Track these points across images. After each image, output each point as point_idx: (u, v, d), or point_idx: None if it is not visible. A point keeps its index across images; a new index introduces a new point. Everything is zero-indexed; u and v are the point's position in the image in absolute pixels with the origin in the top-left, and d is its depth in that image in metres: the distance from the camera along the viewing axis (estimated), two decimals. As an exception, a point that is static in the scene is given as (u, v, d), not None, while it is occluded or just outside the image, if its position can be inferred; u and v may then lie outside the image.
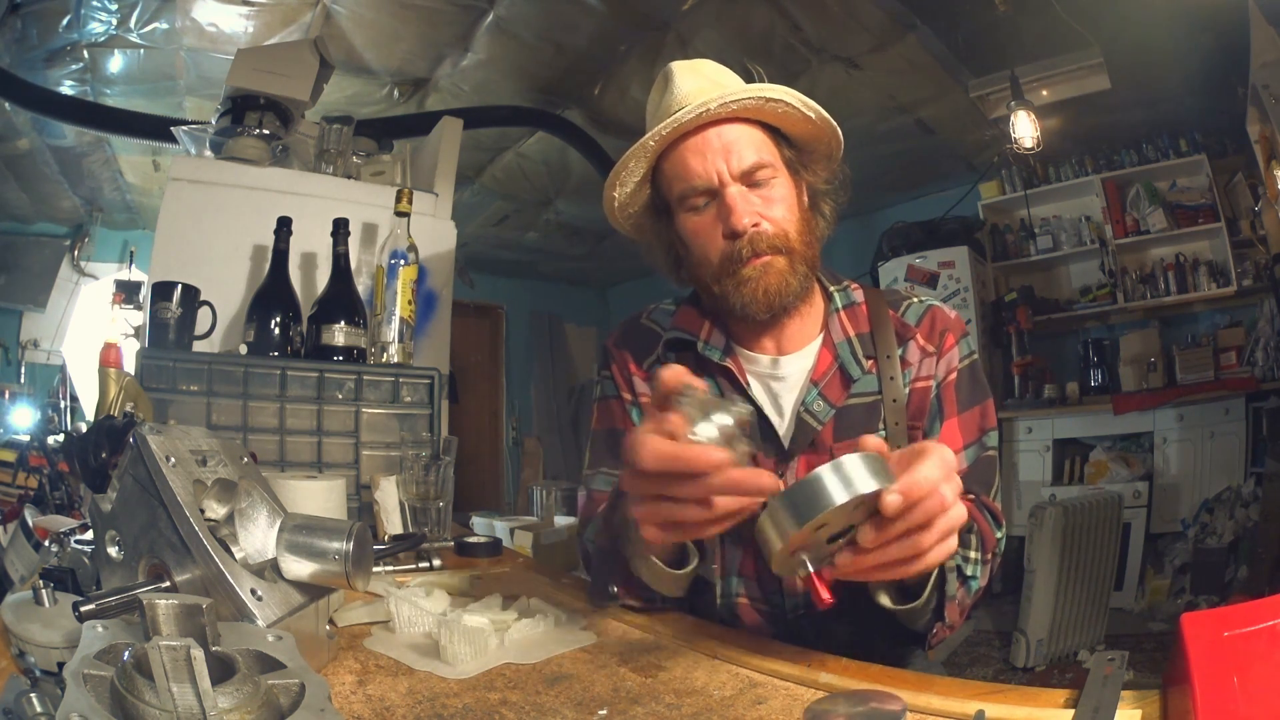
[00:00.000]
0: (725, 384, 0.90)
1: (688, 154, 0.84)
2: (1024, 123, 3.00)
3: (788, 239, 0.84)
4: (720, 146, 0.82)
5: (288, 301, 1.44)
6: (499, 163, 4.00)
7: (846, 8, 2.65)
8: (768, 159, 0.84)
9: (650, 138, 0.84)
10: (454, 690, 0.55)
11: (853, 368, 0.88)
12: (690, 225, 0.86)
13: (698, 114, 0.81)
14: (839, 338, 0.90)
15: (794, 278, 0.84)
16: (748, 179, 0.83)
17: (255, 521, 0.57)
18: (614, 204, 0.91)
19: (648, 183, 0.90)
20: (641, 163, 0.87)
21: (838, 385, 0.87)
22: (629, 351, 0.98)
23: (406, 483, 1.22)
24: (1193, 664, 0.42)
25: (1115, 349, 3.68)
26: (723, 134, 0.83)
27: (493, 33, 2.83)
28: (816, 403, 0.87)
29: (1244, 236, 3.31)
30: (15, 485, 1.33)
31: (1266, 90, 2.51)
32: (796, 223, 0.85)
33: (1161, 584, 3.13)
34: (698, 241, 0.86)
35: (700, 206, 0.85)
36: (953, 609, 0.70)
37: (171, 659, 0.35)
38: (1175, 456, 3.32)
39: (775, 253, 0.83)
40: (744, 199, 0.82)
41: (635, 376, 0.97)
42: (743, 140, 0.83)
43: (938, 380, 0.88)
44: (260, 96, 1.71)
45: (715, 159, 0.82)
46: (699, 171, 0.83)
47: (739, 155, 0.82)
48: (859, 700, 0.50)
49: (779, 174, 0.85)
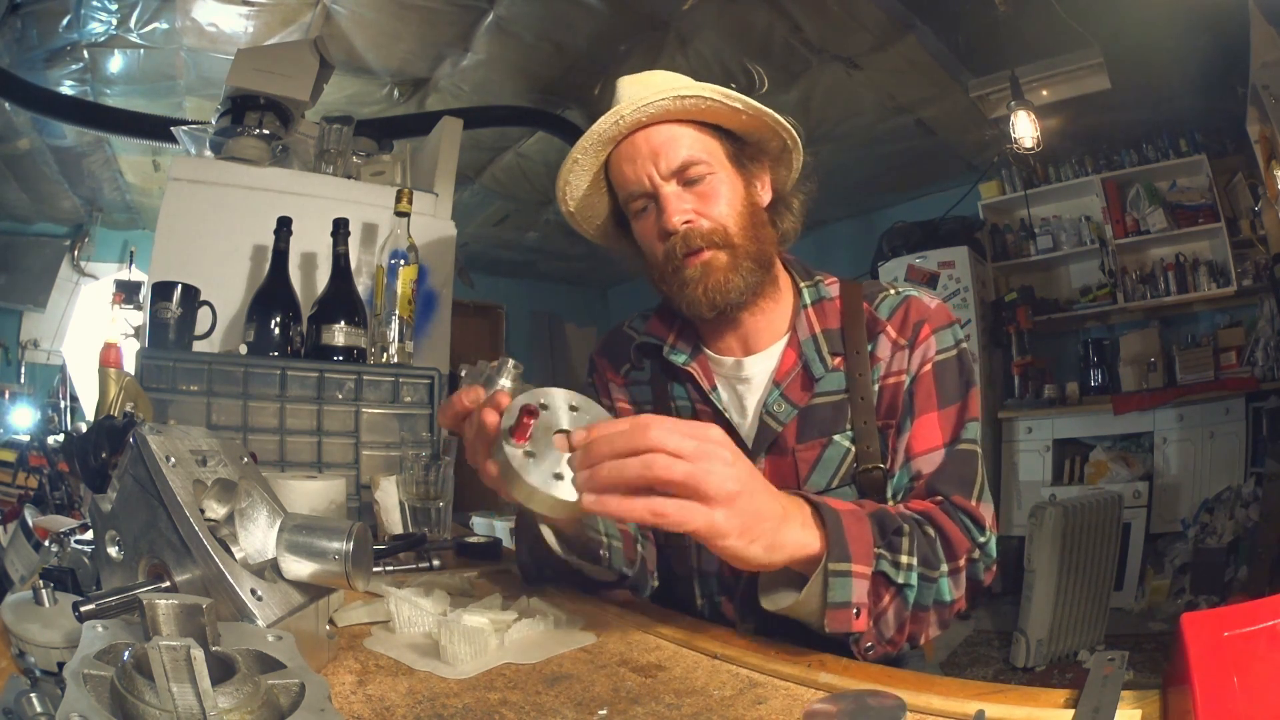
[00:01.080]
0: (691, 388, 0.90)
1: (621, 161, 0.85)
2: (1024, 123, 3.00)
3: (726, 234, 0.83)
4: (648, 150, 0.83)
5: (288, 301, 1.44)
6: (499, 163, 4.00)
7: (846, 8, 2.65)
8: (700, 155, 0.83)
9: (576, 151, 0.85)
10: (454, 690, 0.55)
11: (816, 365, 0.85)
12: (638, 230, 0.88)
13: (613, 121, 0.82)
14: (805, 335, 0.87)
15: (736, 275, 0.83)
16: (681, 178, 0.83)
17: (255, 521, 0.57)
18: (577, 220, 0.93)
19: (605, 193, 0.91)
20: (583, 176, 0.88)
21: (800, 384, 0.85)
22: (608, 359, 1.00)
23: (406, 483, 1.22)
24: (1193, 664, 0.42)
25: (1115, 349, 3.68)
26: (650, 137, 0.83)
27: (493, 33, 2.83)
28: (778, 403, 0.85)
29: (1244, 236, 3.31)
30: (15, 485, 1.32)
31: (1266, 90, 2.51)
32: (738, 217, 0.84)
33: (1161, 584, 3.13)
34: (645, 244, 0.87)
35: (643, 210, 0.86)
36: (838, 618, 0.63)
37: (171, 659, 0.35)
38: (1175, 456, 3.33)
39: (714, 248, 0.82)
40: (677, 198, 0.82)
41: (612, 383, 0.98)
42: (672, 140, 0.83)
43: (911, 374, 0.83)
44: (260, 96, 1.71)
45: (645, 163, 0.83)
46: (632, 176, 0.84)
47: (667, 156, 0.82)
48: (859, 700, 0.50)
49: (717, 170, 0.84)
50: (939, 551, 0.72)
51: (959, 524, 0.76)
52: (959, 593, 0.74)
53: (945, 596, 0.72)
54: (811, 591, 0.63)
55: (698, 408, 0.91)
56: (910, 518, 0.73)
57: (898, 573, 0.68)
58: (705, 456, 0.57)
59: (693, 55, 2.93)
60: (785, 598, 0.65)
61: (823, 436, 0.84)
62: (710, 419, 0.88)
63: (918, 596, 0.69)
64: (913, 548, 0.69)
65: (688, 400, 0.92)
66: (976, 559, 0.76)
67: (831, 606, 0.63)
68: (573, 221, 0.94)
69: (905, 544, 0.69)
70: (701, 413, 0.90)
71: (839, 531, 0.64)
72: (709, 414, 0.89)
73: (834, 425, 0.84)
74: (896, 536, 0.69)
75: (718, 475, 0.57)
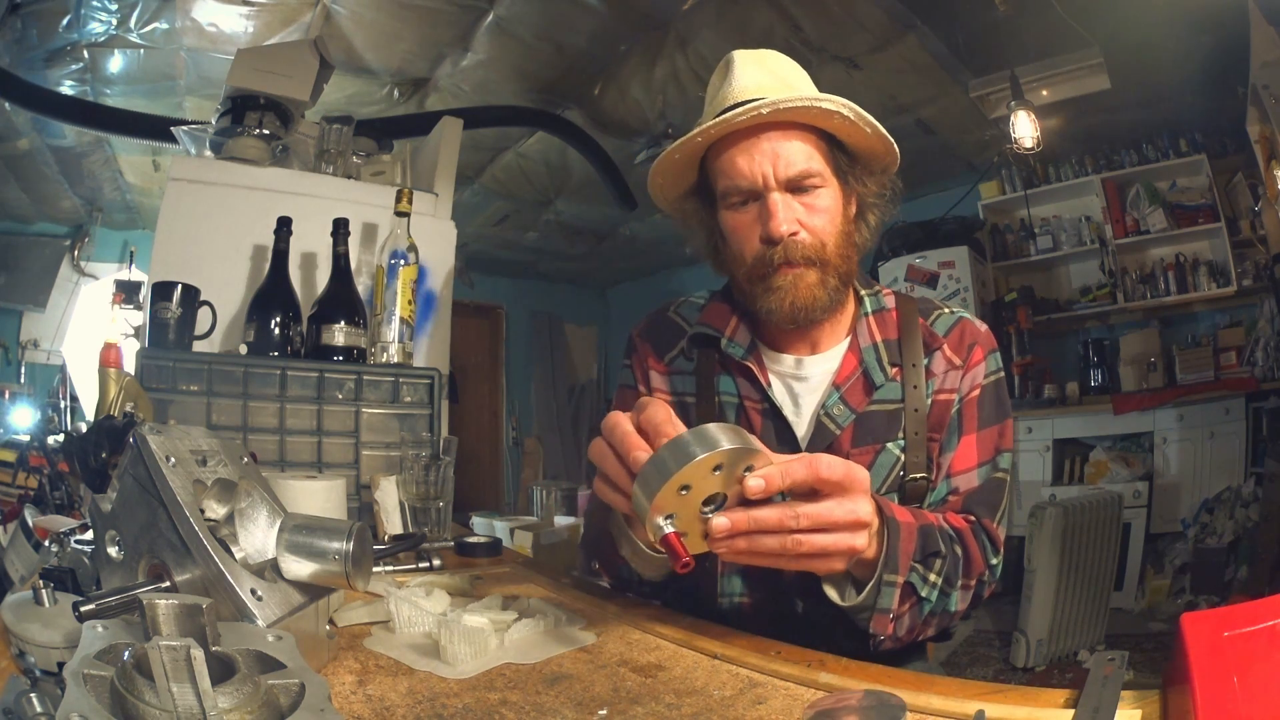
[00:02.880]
0: (745, 383, 0.90)
1: (736, 153, 0.82)
2: (1024, 123, 3.00)
3: (824, 251, 0.83)
4: (769, 150, 0.81)
5: (288, 301, 1.43)
6: (499, 163, 4.00)
7: (846, 8, 2.66)
8: (816, 168, 0.82)
9: (698, 133, 0.82)
10: (454, 690, 0.55)
11: (876, 374, 0.87)
12: (730, 222, 0.86)
13: (749, 116, 0.79)
14: (866, 342, 0.89)
15: (824, 291, 0.83)
16: (793, 185, 0.82)
17: (255, 521, 0.57)
18: (659, 190, 0.91)
19: (694, 169, 0.89)
20: (688, 154, 0.86)
21: (860, 390, 0.86)
22: (651, 344, 0.97)
23: (406, 483, 1.22)
24: (1193, 664, 0.42)
25: (1115, 349, 3.68)
26: (773, 137, 0.81)
27: (493, 33, 2.83)
28: (837, 406, 0.86)
29: (1244, 236, 3.31)
30: (15, 485, 1.32)
31: (1266, 90, 2.51)
32: (836, 235, 0.84)
33: (1161, 584, 3.13)
34: (735, 238, 0.86)
35: (742, 205, 0.84)
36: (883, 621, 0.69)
37: (171, 659, 0.35)
38: (1175, 456, 3.33)
39: (808, 265, 0.82)
40: (786, 205, 0.81)
41: (654, 371, 0.96)
42: (793, 146, 0.81)
43: (961, 395, 0.87)
44: (260, 96, 1.71)
45: (763, 162, 0.81)
46: (745, 172, 0.82)
47: (786, 161, 0.81)
48: (859, 700, 0.50)
49: (827, 183, 0.83)
50: (959, 570, 0.77)
51: (981, 546, 0.80)
52: (964, 605, 0.79)
53: (951, 608, 0.77)
54: (869, 594, 0.68)
55: (747, 403, 0.90)
56: (948, 535, 0.77)
57: (923, 587, 0.72)
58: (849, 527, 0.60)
59: (693, 55, 2.93)
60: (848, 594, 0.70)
61: (877, 443, 0.86)
62: (763, 415, 0.89)
63: (931, 607, 0.74)
64: (942, 569, 0.74)
65: (736, 395, 0.91)
66: (986, 580, 0.81)
67: (879, 611, 0.69)
68: (655, 194, 0.92)
69: (938, 565, 0.74)
70: (752, 409, 0.89)
71: (895, 545, 0.68)
72: (762, 410, 0.89)
73: (888, 433, 0.86)
74: (933, 558, 0.73)
75: (860, 541, 0.61)
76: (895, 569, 0.68)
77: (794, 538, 0.58)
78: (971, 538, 0.80)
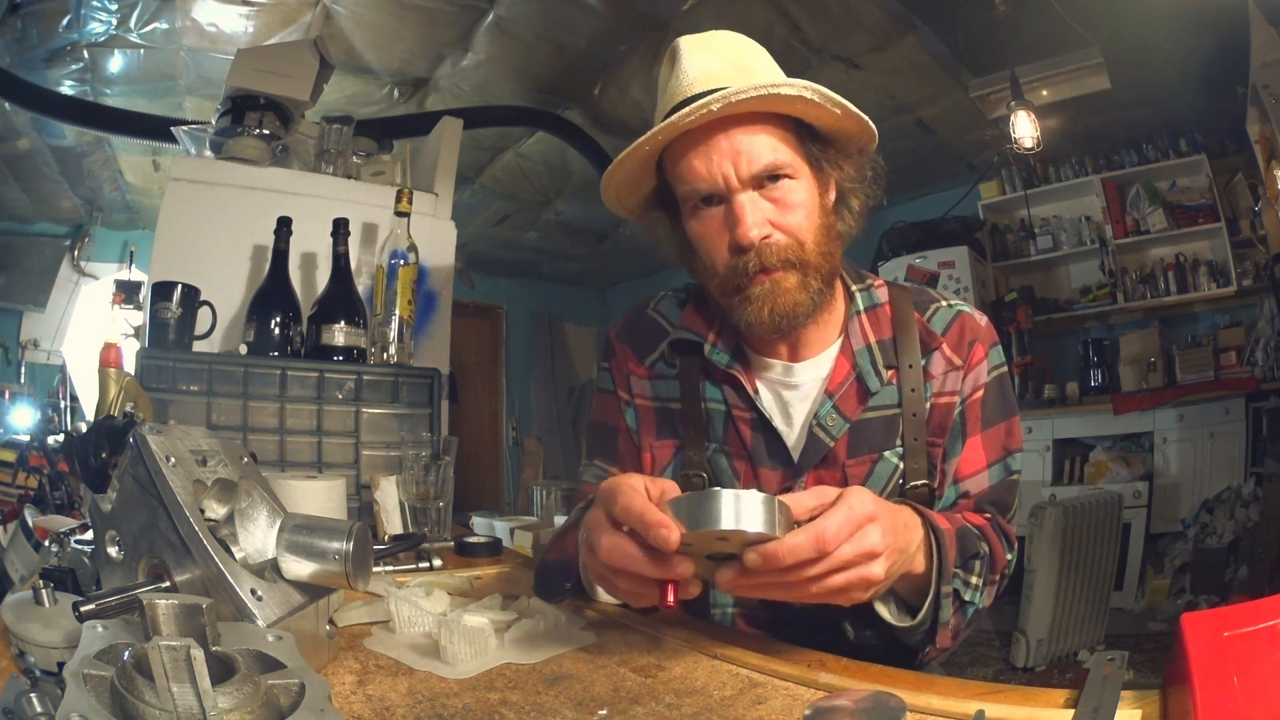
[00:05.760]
0: (731, 391, 0.84)
1: (692, 156, 0.74)
2: (1024, 123, 3.00)
3: (802, 251, 0.75)
4: (728, 148, 0.72)
5: (288, 301, 1.44)
6: (499, 163, 4.00)
7: (846, 8, 2.66)
8: (784, 159, 0.73)
9: (645, 141, 0.74)
10: (454, 690, 0.55)
11: (871, 379, 0.80)
12: (696, 230, 0.78)
13: (698, 116, 0.70)
14: (859, 344, 0.82)
15: (806, 295, 0.75)
16: (759, 182, 0.74)
17: (255, 521, 0.57)
18: (614, 200, 0.84)
19: (651, 174, 0.81)
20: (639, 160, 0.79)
21: (854, 397, 0.80)
22: (630, 346, 0.91)
23: (406, 483, 1.22)
24: (1193, 664, 0.42)
25: (1115, 349, 3.68)
26: (731, 133, 0.72)
27: (493, 33, 2.83)
28: (830, 416, 0.80)
29: (1244, 236, 3.31)
30: (15, 485, 1.33)
31: (1266, 90, 2.51)
32: (815, 230, 0.76)
33: (1161, 584, 3.13)
34: (703, 247, 0.78)
35: (706, 210, 0.76)
36: (945, 634, 0.68)
37: (171, 659, 0.35)
38: (1175, 456, 3.33)
39: (787, 268, 0.74)
40: (754, 207, 0.73)
41: (634, 375, 0.90)
42: (755, 140, 0.72)
43: (963, 397, 0.81)
44: (260, 96, 1.71)
45: (722, 161, 0.72)
46: (703, 175, 0.73)
47: (749, 157, 0.72)
48: (859, 700, 0.50)
49: (798, 174, 0.75)
50: (991, 567, 0.75)
51: (1003, 543, 0.78)
52: (989, 602, 0.77)
53: (978, 604, 0.75)
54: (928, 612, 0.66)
55: (735, 412, 0.83)
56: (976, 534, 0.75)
57: (967, 590, 0.71)
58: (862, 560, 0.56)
59: (693, 55, 2.93)
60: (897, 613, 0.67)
61: (873, 452, 0.80)
62: (751, 427, 0.83)
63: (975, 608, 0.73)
64: (981, 569, 0.72)
65: (723, 403, 0.84)
66: (1007, 574, 0.80)
67: (941, 625, 0.67)
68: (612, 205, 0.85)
69: (978, 566, 0.72)
70: (740, 419, 0.83)
71: (944, 556, 0.66)
72: (750, 421, 0.83)
73: (885, 441, 0.80)
74: (974, 559, 0.71)
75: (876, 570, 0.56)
76: (948, 579, 0.66)
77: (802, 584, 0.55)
78: (994, 534, 0.77)
